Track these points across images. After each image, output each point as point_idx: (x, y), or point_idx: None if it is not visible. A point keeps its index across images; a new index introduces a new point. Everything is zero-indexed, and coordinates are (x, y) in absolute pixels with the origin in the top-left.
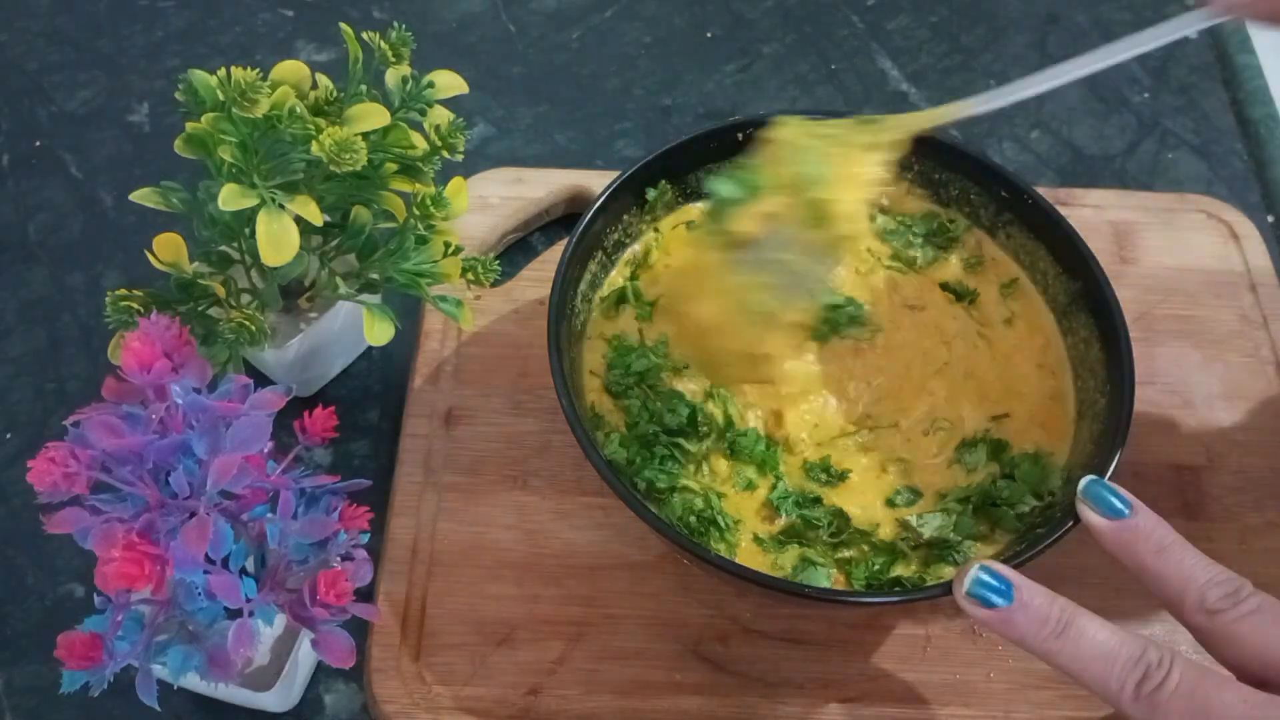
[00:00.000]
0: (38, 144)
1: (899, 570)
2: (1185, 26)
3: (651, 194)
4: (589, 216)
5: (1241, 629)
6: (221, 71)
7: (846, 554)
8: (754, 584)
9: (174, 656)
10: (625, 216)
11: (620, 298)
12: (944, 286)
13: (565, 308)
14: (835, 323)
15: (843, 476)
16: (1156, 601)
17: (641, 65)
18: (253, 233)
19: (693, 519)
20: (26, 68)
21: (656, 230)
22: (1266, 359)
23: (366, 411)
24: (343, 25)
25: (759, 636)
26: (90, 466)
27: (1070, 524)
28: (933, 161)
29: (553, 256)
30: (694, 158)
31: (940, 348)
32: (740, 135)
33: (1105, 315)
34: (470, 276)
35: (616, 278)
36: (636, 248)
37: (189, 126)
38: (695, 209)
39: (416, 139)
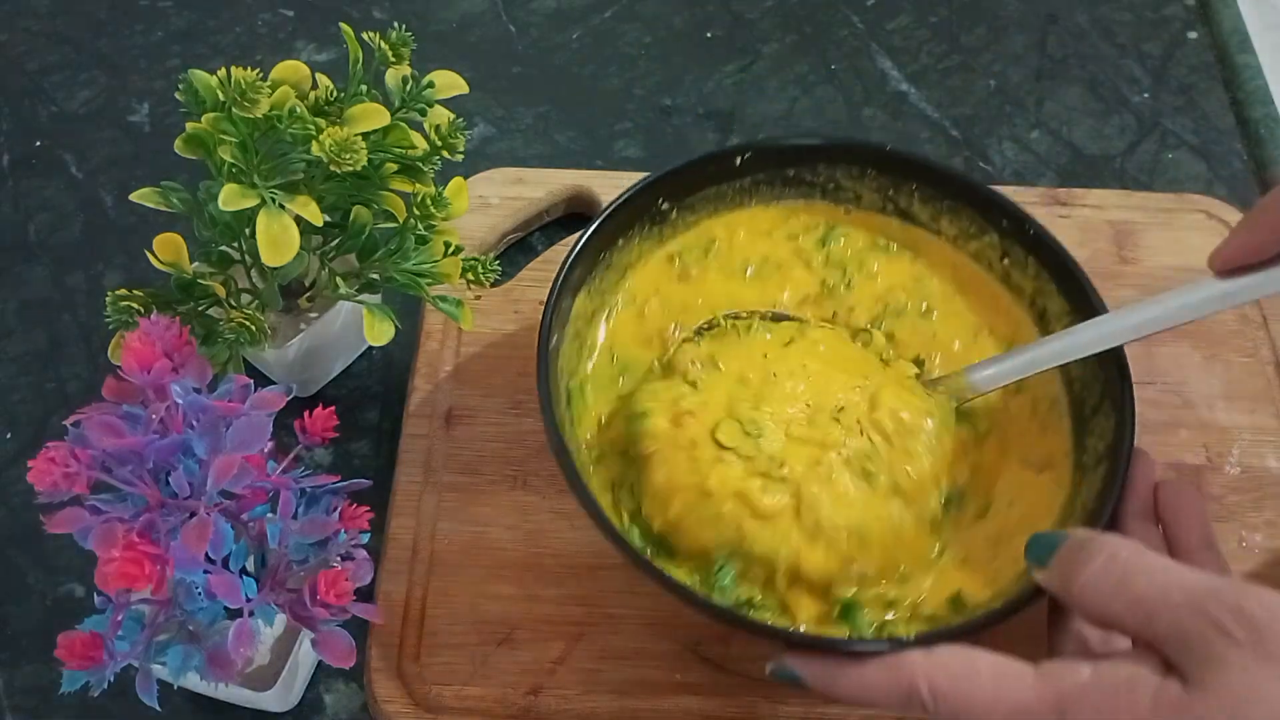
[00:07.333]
0: (38, 144)
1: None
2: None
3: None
4: (573, 255)
5: None
6: (221, 71)
7: None
8: (739, 628)
9: (174, 656)
10: (604, 254)
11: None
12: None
13: (554, 348)
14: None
15: None
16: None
17: (641, 65)
18: (253, 233)
19: None
20: (26, 68)
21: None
22: (1266, 359)
23: (366, 411)
24: (343, 25)
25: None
26: (90, 466)
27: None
28: (932, 188)
29: (553, 256)
30: (683, 186)
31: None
32: (739, 159)
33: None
34: (470, 276)
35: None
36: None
37: (189, 126)
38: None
39: (416, 139)
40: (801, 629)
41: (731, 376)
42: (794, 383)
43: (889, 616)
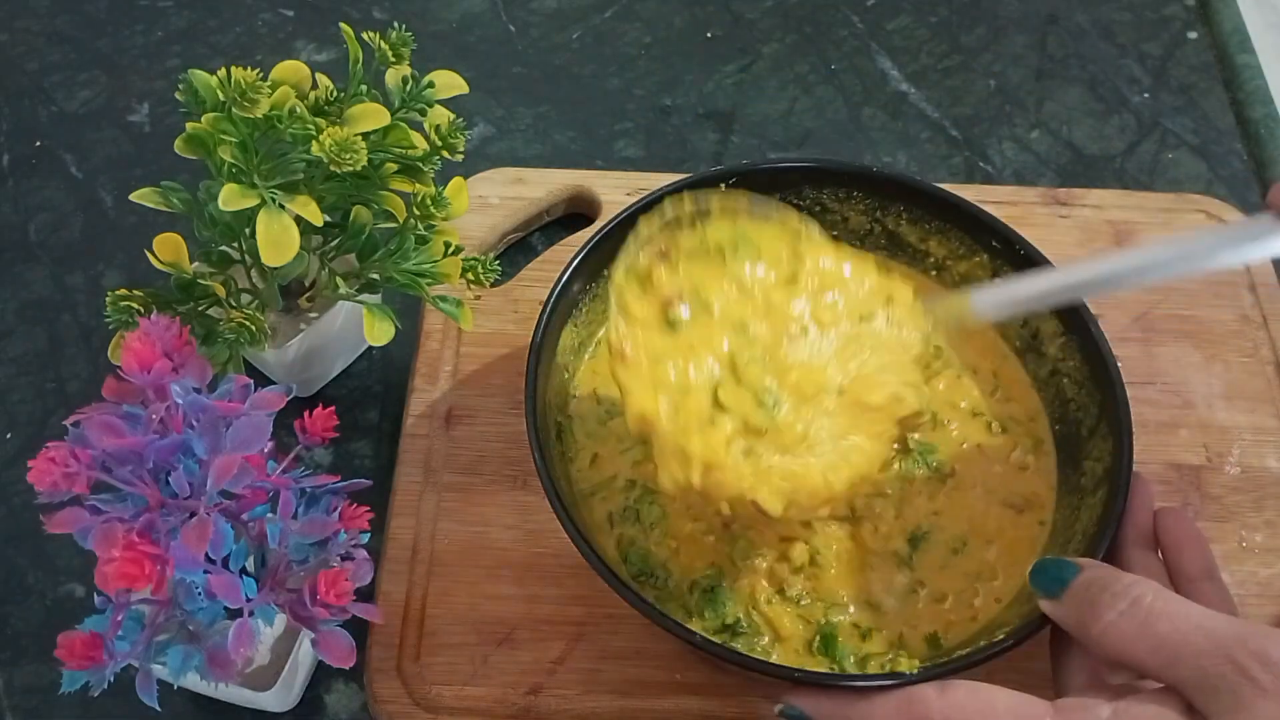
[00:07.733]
0: (38, 144)
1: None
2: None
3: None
4: (561, 282)
5: None
6: (222, 71)
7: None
8: (741, 667)
9: (174, 656)
10: (589, 286)
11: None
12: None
13: (541, 389)
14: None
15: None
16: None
17: (641, 65)
18: (253, 233)
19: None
20: (26, 68)
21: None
22: (1266, 359)
23: (366, 411)
24: (343, 25)
25: None
26: (90, 466)
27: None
28: (923, 209)
29: (553, 256)
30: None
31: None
32: (724, 185)
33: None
34: (470, 276)
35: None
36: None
37: (189, 126)
38: None
39: (416, 139)
40: (778, 660)
41: (728, 323)
42: (814, 346)
43: (868, 649)
